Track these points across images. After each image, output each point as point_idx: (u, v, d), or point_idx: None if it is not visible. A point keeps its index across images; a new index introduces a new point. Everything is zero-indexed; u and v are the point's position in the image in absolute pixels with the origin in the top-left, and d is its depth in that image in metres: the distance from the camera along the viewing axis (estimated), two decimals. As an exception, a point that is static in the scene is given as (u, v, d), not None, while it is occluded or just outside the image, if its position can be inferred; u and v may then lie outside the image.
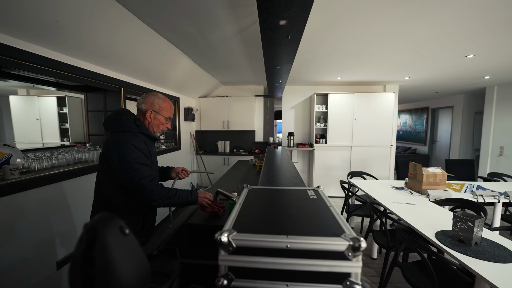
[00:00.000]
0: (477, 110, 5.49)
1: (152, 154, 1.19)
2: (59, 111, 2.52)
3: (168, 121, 1.24)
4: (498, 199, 2.13)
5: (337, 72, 3.56)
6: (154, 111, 1.18)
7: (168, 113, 1.22)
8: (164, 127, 1.24)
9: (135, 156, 1.06)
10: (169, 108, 1.23)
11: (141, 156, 1.08)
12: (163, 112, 1.20)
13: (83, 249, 0.36)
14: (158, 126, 1.21)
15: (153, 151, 1.22)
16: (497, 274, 1.10)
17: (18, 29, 1.39)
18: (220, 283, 0.51)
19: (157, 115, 1.19)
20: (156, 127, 1.20)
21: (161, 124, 1.21)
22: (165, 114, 1.21)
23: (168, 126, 1.26)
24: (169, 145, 3.84)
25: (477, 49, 2.43)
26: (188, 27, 1.97)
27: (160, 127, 1.21)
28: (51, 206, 1.68)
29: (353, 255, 0.49)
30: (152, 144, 1.23)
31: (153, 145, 1.24)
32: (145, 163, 1.09)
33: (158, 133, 1.23)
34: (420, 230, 1.56)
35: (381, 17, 1.77)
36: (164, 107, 1.20)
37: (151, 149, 1.19)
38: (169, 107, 1.23)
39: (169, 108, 1.23)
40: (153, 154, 1.23)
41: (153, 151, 1.23)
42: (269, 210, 0.71)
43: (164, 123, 1.22)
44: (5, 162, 1.54)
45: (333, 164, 4.44)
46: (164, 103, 1.21)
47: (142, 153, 1.09)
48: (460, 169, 3.74)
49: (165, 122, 1.22)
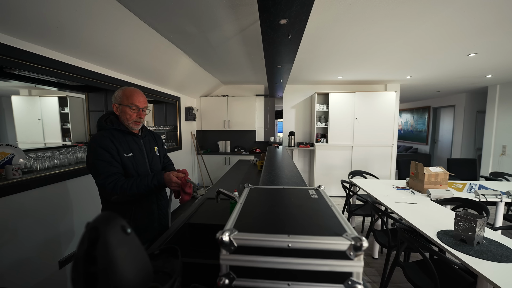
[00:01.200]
0: (479, 109, 5.46)
1: (126, 149, 1.15)
2: (61, 111, 2.53)
3: (136, 109, 1.17)
4: (500, 199, 2.11)
5: (338, 71, 3.55)
6: (116, 103, 1.16)
7: (128, 100, 1.15)
8: (135, 117, 1.17)
9: (94, 153, 1.07)
10: (130, 96, 1.15)
11: (101, 153, 1.06)
12: (124, 101, 1.14)
13: (85, 248, 0.37)
14: (127, 117, 1.16)
15: (131, 147, 1.17)
16: (499, 274, 1.09)
17: (19, 29, 1.40)
18: (221, 282, 0.51)
19: (121, 107, 1.15)
20: (126, 119, 1.16)
21: (128, 114, 1.16)
22: (126, 102, 1.14)
23: (141, 115, 1.19)
24: (170, 144, 3.85)
25: (480, 47, 2.41)
26: (188, 27, 1.97)
27: (129, 118, 1.16)
28: (53, 206, 1.69)
29: (354, 255, 0.49)
30: (130, 139, 1.19)
31: (132, 140, 1.20)
32: (105, 159, 1.06)
33: (133, 125, 1.18)
34: (421, 229, 1.56)
35: (382, 16, 1.76)
36: (123, 95, 1.15)
37: (124, 145, 1.15)
38: (129, 94, 1.16)
39: (129, 95, 1.15)
40: (132, 149, 1.17)
41: (133, 146, 1.18)
42: (270, 210, 0.71)
43: (131, 112, 1.16)
44: (7, 162, 1.55)
45: (334, 164, 4.43)
46: (124, 91, 1.16)
47: (103, 149, 1.07)
48: (462, 169, 3.72)
49: (131, 111, 1.15)
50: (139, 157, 1.20)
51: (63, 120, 2.55)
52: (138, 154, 1.20)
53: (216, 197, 1.22)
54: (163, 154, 1.43)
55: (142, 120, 1.22)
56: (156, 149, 1.34)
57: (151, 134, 1.38)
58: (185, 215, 1.36)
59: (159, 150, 1.37)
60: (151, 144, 1.32)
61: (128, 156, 1.15)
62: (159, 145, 1.38)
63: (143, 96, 1.21)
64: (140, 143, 1.24)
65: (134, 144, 1.20)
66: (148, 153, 1.27)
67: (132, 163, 1.16)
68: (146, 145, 1.27)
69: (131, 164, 1.15)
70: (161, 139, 1.45)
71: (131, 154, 1.17)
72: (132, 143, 1.19)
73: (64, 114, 2.55)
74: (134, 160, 1.17)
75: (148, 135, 1.34)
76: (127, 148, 1.16)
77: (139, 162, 1.19)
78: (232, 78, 4.17)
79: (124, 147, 1.15)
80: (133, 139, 1.21)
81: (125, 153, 1.14)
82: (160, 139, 1.43)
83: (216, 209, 1.48)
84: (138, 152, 1.20)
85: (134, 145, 1.20)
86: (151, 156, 1.28)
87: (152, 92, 3.06)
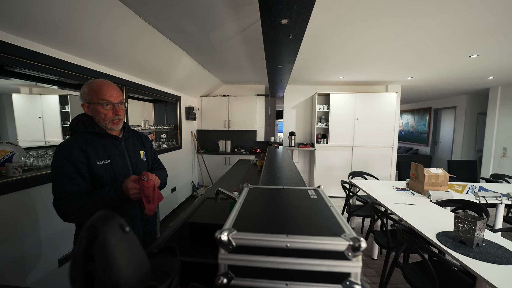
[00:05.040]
0: (480, 111, 5.45)
1: (101, 155, 0.97)
2: (61, 110, 2.54)
3: (110, 106, 0.97)
4: (500, 201, 2.11)
5: (339, 72, 3.55)
6: (86, 102, 0.97)
7: (97, 96, 0.94)
8: (111, 115, 0.98)
9: (57, 165, 0.90)
10: (98, 90, 0.95)
11: (64, 165, 0.89)
12: (93, 98, 0.95)
13: (83, 246, 0.37)
14: (102, 117, 0.97)
15: (109, 152, 1.00)
16: (498, 276, 1.09)
17: (20, 27, 1.40)
18: (219, 282, 0.51)
19: (91, 105, 0.96)
20: (101, 119, 0.97)
21: (102, 113, 0.96)
22: (95, 99, 0.94)
23: (118, 112, 0.99)
24: (170, 144, 3.85)
25: (481, 49, 2.40)
26: (189, 26, 1.97)
27: (105, 118, 0.97)
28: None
29: (353, 255, 0.49)
30: (108, 142, 1.01)
31: (110, 144, 1.01)
32: (66, 174, 0.89)
33: (111, 125, 0.99)
34: (421, 231, 1.56)
35: (383, 17, 1.76)
36: (90, 90, 0.95)
37: (100, 150, 0.97)
38: (97, 89, 0.95)
39: (97, 90, 0.95)
40: (109, 154, 0.99)
41: (112, 151, 1.01)
42: (269, 210, 0.71)
43: (105, 110, 0.96)
44: (7, 160, 1.55)
45: (334, 164, 4.43)
46: (90, 86, 0.96)
47: (68, 162, 0.89)
48: (462, 170, 3.72)
49: (104, 109, 0.96)
50: (119, 164, 1.01)
51: (64, 118, 2.55)
52: (118, 160, 1.01)
53: (216, 196, 1.22)
54: (152, 158, 1.23)
55: (121, 117, 1.02)
56: (142, 153, 1.14)
57: (136, 136, 1.18)
58: (185, 214, 1.36)
59: (146, 154, 1.17)
60: (136, 147, 1.12)
61: (103, 163, 0.97)
62: (146, 148, 1.18)
63: (116, 88, 1.00)
64: (121, 147, 1.05)
65: (113, 148, 1.02)
66: (132, 158, 1.08)
67: (108, 171, 0.98)
68: (129, 148, 1.08)
69: (107, 173, 0.97)
70: (149, 141, 1.24)
71: (108, 160, 0.98)
72: (110, 147, 1.01)
73: (64, 112, 2.55)
74: (112, 168, 0.99)
75: (132, 137, 1.14)
76: (102, 154, 0.97)
77: (119, 169, 1.01)
78: (233, 77, 4.17)
79: (99, 153, 0.97)
80: (111, 142, 1.02)
81: (98, 160, 0.96)
82: (147, 141, 1.22)
83: (216, 208, 1.48)
84: (118, 158, 1.02)
85: (112, 149, 1.01)
86: (135, 161, 1.08)
87: (153, 91, 3.07)
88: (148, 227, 1.13)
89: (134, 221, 1.06)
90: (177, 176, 3.85)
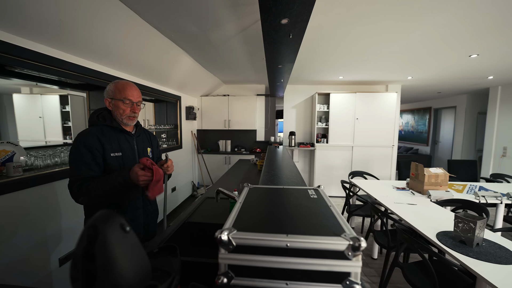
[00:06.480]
0: (480, 111, 5.45)
1: (115, 147, 1.09)
2: (62, 109, 2.54)
3: (129, 103, 1.11)
4: (500, 200, 2.11)
5: (339, 72, 3.55)
6: (109, 98, 1.10)
7: (121, 94, 1.09)
8: (129, 112, 1.11)
9: (76, 151, 1.02)
10: (122, 89, 1.09)
11: (82, 152, 1.01)
12: (116, 95, 1.09)
13: (84, 246, 0.37)
14: (120, 112, 1.10)
15: (122, 146, 1.12)
16: (498, 275, 1.09)
17: (21, 27, 1.40)
18: (220, 281, 0.51)
19: (113, 101, 1.10)
20: (119, 114, 1.11)
21: (121, 109, 1.10)
22: (118, 96, 1.08)
23: (135, 110, 1.13)
24: (171, 143, 3.85)
25: (481, 48, 2.40)
26: (190, 26, 1.97)
27: (122, 113, 1.11)
28: (53, 204, 1.69)
29: (353, 255, 0.49)
30: (122, 137, 1.13)
31: (124, 139, 1.14)
32: (84, 160, 1.01)
33: (127, 120, 1.13)
34: (421, 230, 1.56)
35: (383, 16, 1.76)
36: (116, 88, 1.09)
37: (114, 143, 1.09)
38: (122, 88, 1.10)
39: (122, 89, 1.09)
40: (122, 148, 1.11)
41: (124, 145, 1.13)
42: (270, 209, 0.71)
43: (124, 107, 1.10)
44: (8, 160, 1.55)
45: (334, 164, 4.43)
46: (116, 85, 1.10)
47: (86, 148, 1.01)
48: (462, 170, 3.72)
49: (124, 105, 1.10)
50: (129, 157, 1.14)
51: (64, 118, 2.55)
52: (129, 154, 1.14)
53: (216, 196, 1.22)
54: (157, 155, 1.36)
55: (137, 115, 1.16)
56: (149, 150, 1.27)
57: (146, 134, 1.31)
58: (185, 214, 1.36)
59: (153, 152, 1.31)
60: (145, 144, 1.26)
61: (116, 155, 1.09)
62: (153, 146, 1.32)
63: (137, 89, 1.15)
64: (133, 142, 1.18)
65: (126, 143, 1.14)
66: (140, 154, 1.20)
67: (119, 163, 1.10)
68: (139, 145, 1.21)
69: (118, 165, 1.09)
70: (156, 140, 1.39)
71: (120, 153, 1.11)
72: (124, 141, 1.14)
73: (65, 112, 2.55)
74: (123, 160, 1.11)
75: (143, 135, 1.27)
76: (116, 147, 1.10)
77: (128, 162, 1.12)
78: (233, 77, 4.17)
79: (114, 145, 1.09)
80: (125, 137, 1.15)
81: (112, 152, 1.08)
82: (155, 140, 1.36)
83: (216, 208, 1.48)
84: (128, 152, 1.14)
85: (125, 144, 1.14)
86: (143, 156, 1.19)
87: (153, 91, 3.07)
88: (151, 216, 1.26)
89: (137, 210, 1.17)
90: (177, 175, 3.85)
